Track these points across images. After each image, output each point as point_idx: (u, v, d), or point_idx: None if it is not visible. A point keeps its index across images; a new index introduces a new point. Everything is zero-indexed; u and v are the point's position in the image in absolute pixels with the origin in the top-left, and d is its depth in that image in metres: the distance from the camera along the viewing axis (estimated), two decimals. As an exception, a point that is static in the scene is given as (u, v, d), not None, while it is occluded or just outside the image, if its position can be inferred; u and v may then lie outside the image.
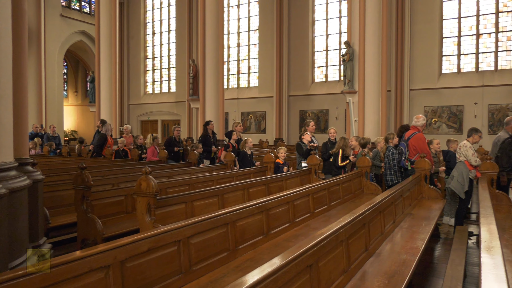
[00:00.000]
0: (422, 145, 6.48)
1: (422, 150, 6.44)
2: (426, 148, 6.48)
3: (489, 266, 1.99)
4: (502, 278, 1.79)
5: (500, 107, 16.26)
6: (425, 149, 6.46)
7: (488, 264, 2.03)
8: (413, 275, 4.56)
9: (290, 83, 20.60)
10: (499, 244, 2.30)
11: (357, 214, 3.13)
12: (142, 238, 2.62)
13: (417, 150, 6.52)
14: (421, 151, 6.44)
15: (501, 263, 1.98)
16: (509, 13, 16.44)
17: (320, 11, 20.22)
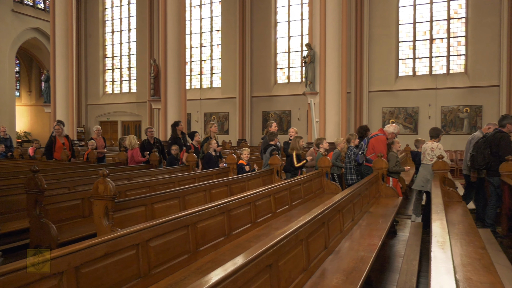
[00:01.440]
0: (380, 147, 6.68)
1: (379, 151, 6.65)
2: (383, 150, 6.68)
3: (439, 260, 2.09)
4: (450, 271, 1.88)
5: (452, 109, 17.14)
6: (382, 151, 6.66)
7: (438, 258, 2.13)
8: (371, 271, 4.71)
9: (253, 84, 20.71)
10: (449, 239, 2.42)
11: (316, 213, 3.18)
12: (98, 242, 2.54)
13: (374, 150, 6.73)
14: (377, 151, 6.65)
15: (449, 256, 2.09)
16: (460, 19, 17.38)
17: (282, 13, 20.47)
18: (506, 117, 6.31)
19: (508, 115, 6.38)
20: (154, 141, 9.45)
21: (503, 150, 6.01)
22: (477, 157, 6.41)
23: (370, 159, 6.75)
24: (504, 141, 6.06)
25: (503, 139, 6.09)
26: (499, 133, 6.20)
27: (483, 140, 6.45)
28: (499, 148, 6.04)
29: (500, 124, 6.33)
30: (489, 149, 6.19)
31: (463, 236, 4.07)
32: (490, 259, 3.47)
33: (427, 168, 6.82)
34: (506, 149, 6.01)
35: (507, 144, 6.06)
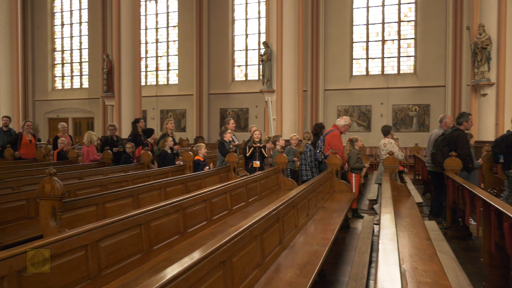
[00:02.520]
0: (336, 142, 6.84)
1: (335, 146, 6.81)
2: (339, 145, 6.84)
3: (386, 251, 2.18)
4: (396, 262, 1.96)
5: (402, 107, 17.92)
6: (338, 146, 6.82)
7: (385, 250, 2.22)
8: (325, 264, 4.84)
9: (210, 81, 20.55)
10: (395, 231, 2.53)
11: (271, 209, 3.21)
12: (43, 244, 2.41)
13: (331, 146, 6.87)
14: (334, 147, 6.81)
15: (396, 248, 2.18)
16: (409, 22, 18.19)
17: (240, 11, 20.45)
18: (463, 115, 6.55)
19: (464, 113, 6.62)
20: (117, 139, 9.15)
21: (461, 147, 6.27)
22: (437, 154, 6.67)
23: (328, 155, 6.89)
24: (461, 139, 6.31)
25: (460, 137, 6.33)
26: (456, 131, 6.43)
27: (442, 138, 6.70)
28: (458, 145, 6.30)
29: (457, 122, 6.56)
30: (447, 147, 6.44)
31: (410, 228, 4.28)
32: (434, 249, 3.67)
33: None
34: (464, 147, 6.29)
35: (464, 141, 6.33)
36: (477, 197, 4.31)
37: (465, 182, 5.31)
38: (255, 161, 7.32)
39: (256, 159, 7.33)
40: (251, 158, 7.37)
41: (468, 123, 6.46)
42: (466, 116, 6.50)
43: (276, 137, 7.94)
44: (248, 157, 7.38)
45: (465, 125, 6.44)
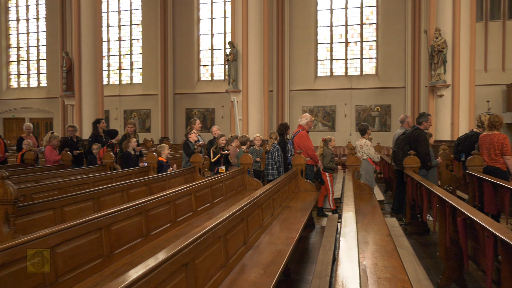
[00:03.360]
0: (304, 142, 6.88)
1: (304, 146, 6.84)
2: (308, 144, 6.86)
3: (346, 249, 2.23)
4: (355, 259, 2.01)
5: (365, 108, 18.42)
6: (307, 145, 6.85)
7: (345, 247, 2.27)
8: (291, 263, 4.89)
9: (175, 81, 20.27)
10: (355, 229, 2.60)
11: (234, 210, 3.21)
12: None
13: (300, 147, 6.92)
14: (303, 148, 6.84)
15: (355, 245, 2.23)
16: (371, 25, 18.72)
17: (205, 10, 20.30)
18: (423, 115, 6.81)
19: (424, 113, 6.89)
20: (77, 140, 8.82)
21: (421, 146, 6.51)
22: (398, 153, 6.90)
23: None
24: (421, 138, 6.56)
25: (420, 136, 6.58)
26: (416, 130, 6.68)
27: (403, 137, 6.95)
28: (418, 144, 6.54)
29: (417, 121, 6.81)
30: (408, 145, 6.67)
31: (371, 225, 4.40)
32: (394, 245, 3.79)
33: (362, 164, 7.23)
34: (424, 145, 6.54)
35: (424, 140, 6.59)
36: (433, 194, 4.49)
37: (423, 179, 5.52)
38: (221, 167, 7.32)
39: (221, 164, 7.32)
40: (217, 164, 7.35)
41: (428, 123, 6.73)
42: (426, 116, 6.76)
43: (243, 137, 7.94)
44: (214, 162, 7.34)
45: (424, 125, 6.70)
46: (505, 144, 5.99)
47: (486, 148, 6.14)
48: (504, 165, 6.02)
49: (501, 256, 2.46)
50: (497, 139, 6.00)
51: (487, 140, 6.14)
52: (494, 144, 6.01)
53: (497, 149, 6.00)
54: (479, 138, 6.47)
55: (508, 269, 2.40)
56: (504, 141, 5.98)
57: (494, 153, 6.04)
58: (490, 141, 6.07)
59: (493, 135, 6.07)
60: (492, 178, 5.52)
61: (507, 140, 6.06)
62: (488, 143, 6.10)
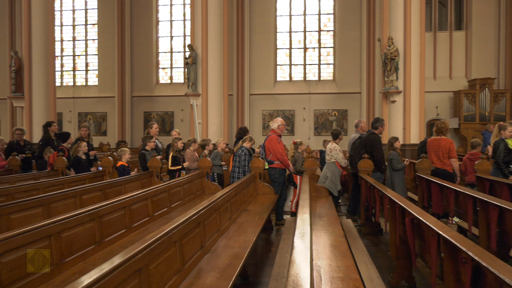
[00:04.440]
0: (273, 146, 6.88)
1: (274, 150, 6.84)
2: (277, 148, 6.85)
3: (299, 249, 2.28)
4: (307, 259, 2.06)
5: (323, 112, 18.89)
6: (276, 149, 6.85)
7: (299, 248, 2.33)
8: (249, 266, 4.92)
9: (133, 83, 19.80)
10: (309, 230, 2.66)
11: (191, 214, 3.19)
12: None
13: (270, 150, 6.93)
14: (272, 151, 6.85)
15: (308, 246, 2.29)
16: (329, 32, 19.26)
17: (164, 12, 20.03)
18: (379, 120, 7.08)
19: (380, 119, 7.16)
20: (25, 143, 8.36)
21: (376, 150, 6.76)
22: (354, 157, 7.10)
23: (271, 161, 6.94)
24: (376, 142, 6.82)
25: (375, 140, 6.83)
26: (372, 135, 6.93)
27: (359, 141, 7.17)
28: (373, 148, 6.78)
29: (373, 126, 7.05)
30: (364, 149, 6.89)
31: (327, 227, 4.51)
32: (348, 246, 3.92)
33: (328, 166, 7.37)
34: (379, 149, 6.79)
35: (379, 144, 6.85)
36: (384, 195, 4.69)
37: (376, 182, 5.74)
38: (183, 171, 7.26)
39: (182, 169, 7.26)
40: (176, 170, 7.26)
41: (383, 127, 7.03)
42: (381, 122, 7.05)
43: (204, 140, 7.87)
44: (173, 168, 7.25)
45: (379, 130, 6.99)
46: (452, 148, 6.40)
47: (435, 151, 6.51)
48: (451, 167, 6.42)
49: (443, 253, 2.61)
50: (445, 143, 6.41)
51: (436, 144, 6.51)
52: (442, 148, 6.40)
53: (445, 153, 6.41)
54: (427, 142, 6.83)
55: (450, 265, 2.56)
56: (451, 145, 6.39)
57: (442, 156, 6.43)
58: (438, 145, 6.45)
59: (441, 139, 6.46)
60: (439, 180, 5.84)
61: (453, 144, 6.48)
62: (437, 147, 6.48)
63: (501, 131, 6.40)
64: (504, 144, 6.20)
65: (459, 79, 17.98)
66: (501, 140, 6.28)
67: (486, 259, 2.02)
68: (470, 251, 2.16)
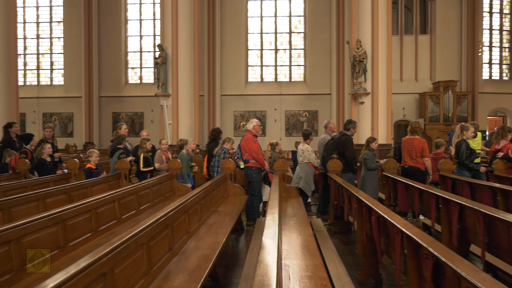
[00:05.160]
0: (249, 145, 6.91)
1: (249, 149, 6.88)
2: (253, 147, 6.87)
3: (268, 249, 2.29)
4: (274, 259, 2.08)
5: (294, 113, 19.07)
6: (252, 148, 6.87)
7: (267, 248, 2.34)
8: (220, 267, 4.89)
9: (101, 83, 19.31)
10: (278, 231, 2.68)
11: (158, 217, 3.14)
12: None
13: (246, 150, 6.96)
14: (248, 151, 6.88)
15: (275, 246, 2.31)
16: (299, 34, 19.49)
17: (133, 11, 19.67)
18: (351, 122, 7.25)
19: (352, 120, 7.34)
20: None
21: (348, 150, 6.90)
22: (327, 157, 7.21)
23: (247, 160, 6.95)
24: (348, 143, 6.97)
25: (347, 141, 6.98)
26: (344, 136, 7.07)
27: (331, 142, 7.30)
28: (345, 149, 6.92)
29: (345, 127, 7.22)
30: (336, 150, 7.01)
31: (296, 226, 4.56)
32: (316, 245, 3.96)
33: (301, 167, 7.41)
34: (351, 150, 6.93)
35: (351, 145, 7.00)
36: (352, 195, 4.79)
37: (344, 182, 5.85)
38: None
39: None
40: (147, 172, 7.14)
41: (354, 129, 7.19)
42: (353, 123, 7.23)
43: (181, 141, 7.76)
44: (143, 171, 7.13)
45: (351, 131, 7.16)
46: (425, 147, 6.67)
47: (408, 150, 6.77)
48: (423, 165, 6.66)
49: (406, 250, 2.70)
50: (418, 143, 6.67)
51: (409, 144, 6.76)
52: (416, 147, 6.66)
53: (418, 152, 6.67)
54: (402, 141, 7.05)
55: (413, 261, 2.64)
56: (423, 145, 6.65)
57: (415, 155, 6.70)
58: (412, 145, 6.70)
59: (414, 139, 6.71)
60: (404, 179, 6.02)
61: (426, 144, 6.74)
62: (410, 146, 6.73)
63: (464, 132, 6.66)
64: (466, 145, 6.45)
65: (424, 82, 18.61)
66: (463, 141, 6.54)
67: (445, 254, 2.10)
68: (430, 247, 2.24)
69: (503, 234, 3.31)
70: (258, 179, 6.95)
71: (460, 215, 4.07)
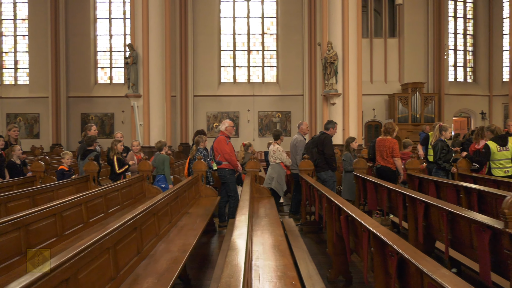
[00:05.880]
0: (221, 147, 6.88)
1: (221, 151, 6.85)
2: (224, 148, 6.85)
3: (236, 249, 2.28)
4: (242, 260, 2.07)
5: (267, 114, 19.15)
6: (224, 149, 6.84)
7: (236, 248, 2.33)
8: (191, 269, 4.84)
9: (69, 83, 18.75)
10: (246, 231, 2.68)
11: (126, 219, 3.07)
12: None
13: (218, 151, 6.92)
14: (220, 152, 6.84)
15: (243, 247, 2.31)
16: (272, 35, 19.59)
17: (103, 9, 19.22)
18: (330, 122, 7.38)
19: (332, 121, 7.47)
20: None
21: (327, 148, 7.01)
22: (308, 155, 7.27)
23: (220, 161, 6.90)
24: (327, 141, 7.10)
25: (326, 139, 7.11)
26: (323, 134, 7.21)
27: (311, 141, 7.40)
28: (324, 146, 7.02)
29: (325, 127, 7.37)
30: (316, 148, 7.10)
31: (267, 227, 4.57)
32: (287, 245, 3.98)
33: (273, 167, 7.41)
34: (329, 148, 7.04)
35: (329, 143, 7.12)
36: (323, 195, 4.85)
37: (315, 182, 5.92)
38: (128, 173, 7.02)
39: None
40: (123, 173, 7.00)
41: (334, 129, 7.29)
42: (333, 124, 7.35)
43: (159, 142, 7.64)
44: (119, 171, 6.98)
45: (331, 131, 7.28)
46: (395, 147, 6.82)
47: (380, 150, 6.94)
48: (394, 165, 6.80)
49: (373, 248, 2.75)
50: (389, 143, 6.83)
51: (382, 144, 6.92)
52: (387, 147, 6.82)
53: (388, 152, 6.80)
54: (376, 141, 7.21)
55: (379, 258, 2.70)
56: (394, 145, 6.81)
57: (386, 155, 6.84)
58: (383, 145, 6.87)
59: (386, 139, 6.86)
60: (373, 179, 6.15)
61: (397, 144, 6.90)
62: (382, 146, 6.90)
63: (442, 132, 6.84)
64: (441, 145, 6.65)
65: (393, 83, 19.10)
66: (439, 141, 6.74)
67: (408, 251, 2.16)
68: (395, 244, 2.30)
69: (465, 230, 3.43)
70: (232, 180, 6.95)
71: (425, 213, 4.19)
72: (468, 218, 3.27)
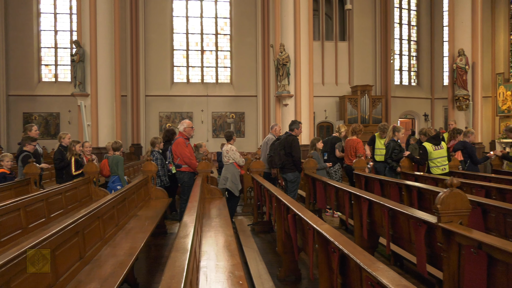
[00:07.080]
0: (180, 149, 6.69)
1: (180, 154, 6.67)
2: (185, 152, 6.68)
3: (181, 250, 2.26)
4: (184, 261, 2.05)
5: (221, 114, 19.10)
6: (184, 153, 6.67)
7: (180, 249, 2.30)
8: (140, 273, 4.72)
9: (9, 81, 17.59)
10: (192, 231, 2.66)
11: (66, 224, 2.94)
12: None
13: (177, 154, 6.73)
14: (179, 155, 6.67)
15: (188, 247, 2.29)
16: (225, 36, 19.57)
17: (47, 3, 18.25)
18: (295, 123, 7.38)
19: (296, 121, 7.48)
20: None
21: (295, 150, 7.02)
22: (274, 157, 7.27)
23: (179, 164, 6.72)
24: (295, 143, 7.10)
25: (294, 141, 7.10)
26: (290, 136, 7.20)
27: (278, 142, 7.38)
28: (292, 149, 7.03)
29: (290, 128, 7.34)
30: (283, 150, 7.11)
31: (218, 227, 4.55)
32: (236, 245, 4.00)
33: (227, 168, 7.33)
34: (297, 150, 7.07)
35: (297, 145, 7.14)
36: (273, 194, 4.92)
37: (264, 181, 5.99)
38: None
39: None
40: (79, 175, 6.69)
41: (299, 129, 7.37)
42: (297, 124, 7.42)
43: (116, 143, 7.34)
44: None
45: (296, 131, 7.33)
46: (358, 147, 7.23)
47: (347, 150, 7.39)
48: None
49: (317, 245, 2.83)
50: (353, 143, 7.29)
51: (348, 144, 7.39)
52: (351, 147, 7.25)
53: (352, 151, 7.24)
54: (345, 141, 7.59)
55: (323, 254, 2.78)
56: (357, 144, 7.21)
57: (350, 154, 7.28)
58: (349, 145, 7.33)
59: (351, 140, 7.28)
60: (322, 178, 6.33)
61: (360, 143, 7.26)
62: (349, 146, 7.35)
63: (395, 133, 7.17)
64: (393, 145, 7.01)
65: (343, 85, 19.74)
66: (392, 141, 7.08)
67: (348, 247, 2.25)
68: (336, 241, 2.38)
69: (404, 226, 3.62)
70: (190, 184, 6.78)
71: (369, 210, 4.37)
72: (406, 214, 3.45)
